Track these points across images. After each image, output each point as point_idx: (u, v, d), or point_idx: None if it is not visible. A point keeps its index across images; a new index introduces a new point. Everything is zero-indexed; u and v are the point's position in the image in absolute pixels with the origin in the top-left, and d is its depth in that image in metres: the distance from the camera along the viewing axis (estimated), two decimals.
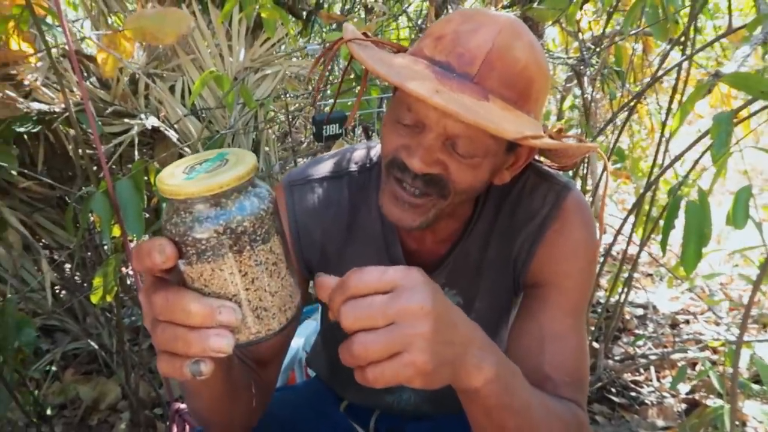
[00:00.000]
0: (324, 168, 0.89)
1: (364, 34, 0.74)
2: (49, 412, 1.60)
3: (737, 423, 1.70)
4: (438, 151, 0.68)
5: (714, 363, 1.74)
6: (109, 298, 1.50)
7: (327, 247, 0.88)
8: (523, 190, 0.83)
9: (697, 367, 2.03)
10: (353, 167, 0.89)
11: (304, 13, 2.40)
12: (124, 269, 1.81)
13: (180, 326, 0.44)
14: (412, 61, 0.66)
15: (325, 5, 2.25)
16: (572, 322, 0.79)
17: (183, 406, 1.47)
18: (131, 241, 1.45)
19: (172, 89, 1.85)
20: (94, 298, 1.49)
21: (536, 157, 0.86)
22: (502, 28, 0.66)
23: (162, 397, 1.71)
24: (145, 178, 1.47)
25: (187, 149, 1.62)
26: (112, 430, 1.67)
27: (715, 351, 2.04)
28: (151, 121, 1.59)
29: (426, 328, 0.48)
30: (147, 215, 1.82)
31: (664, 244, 1.05)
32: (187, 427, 1.44)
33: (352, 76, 1.76)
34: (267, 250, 0.45)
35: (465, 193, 0.72)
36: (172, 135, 1.60)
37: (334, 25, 2.01)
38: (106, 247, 1.84)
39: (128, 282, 2.01)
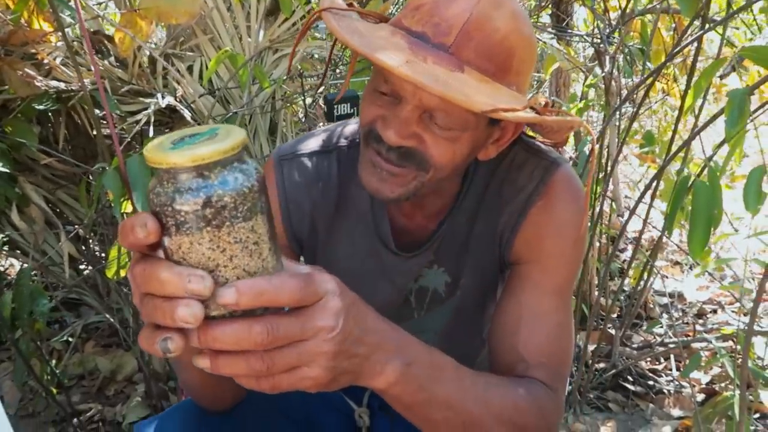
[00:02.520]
0: (314, 143, 0.89)
1: (350, 4, 0.73)
2: (66, 382, 1.66)
3: (756, 414, 1.65)
4: (414, 124, 0.66)
5: (733, 352, 1.68)
6: (123, 273, 1.54)
7: (317, 221, 0.88)
8: (512, 166, 0.81)
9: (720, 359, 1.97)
10: (343, 142, 0.88)
11: None
12: None
13: (157, 297, 0.44)
14: (390, 32, 0.65)
15: None
16: (554, 302, 0.77)
17: None
18: None
19: (190, 69, 1.88)
20: (109, 273, 1.53)
21: (528, 133, 0.84)
22: None
23: (174, 369, 1.75)
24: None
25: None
26: (128, 401, 1.72)
27: (734, 340, 1.98)
28: (167, 100, 1.62)
29: (330, 347, 0.47)
30: None
31: (670, 226, 1.01)
32: None
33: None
34: (248, 228, 0.44)
35: (445, 168, 0.70)
36: (187, 113, 1.62)
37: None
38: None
39: None
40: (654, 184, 1.37)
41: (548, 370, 0.73)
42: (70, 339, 1.82)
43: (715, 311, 2.48)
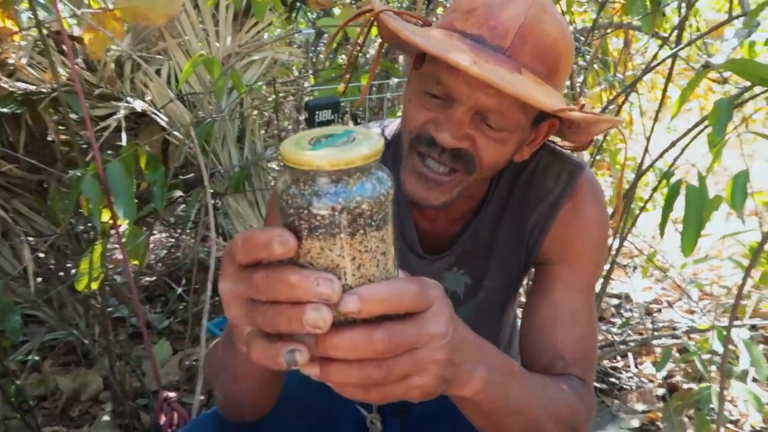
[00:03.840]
0: None
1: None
2: (31, 403, 1.55)
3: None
4: (467, 126, 0.68)
5: (686, 349, 1.79)
6: (95, 286, 1.47)
7: None
8: (536, 170, 0.85)
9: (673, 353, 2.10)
10: None
11: (289, 1, 2.37)
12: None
13: (281, 304, 0.42)
14: (445, 35, 0.66)
15: None
16: (584, 300, 0.81)
17: (172, 394, 1.44)
18: (120, 225, 1.42)
19: (157, 74, 1.81)
20: (79, 285, 1.45)
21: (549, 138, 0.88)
22: (533, 1, 0.67)
23: (147, 387, 1.67)
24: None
25: (176, 134, 1.59)
26: (94, 421, 1.63)
27: (689, 337, 2.11)
28: (139, 104, 1.56)
29: (442, 356, 0.46)
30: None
31: (663, 227, 1.08)
32: (176, 414, 1.42)
33: (340, 63, 1.75)
34: (379, 238, 0.43)
35: (490, 169, 0.72)
36: (161, 119, 1.57)
37: (321, 12, 2.00)
38: (87, 233, 1.79)
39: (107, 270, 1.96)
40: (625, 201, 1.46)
41: (583, 367, 0.77)
42: (30, 358, 1.70)
43: (659, 310, 2.63)
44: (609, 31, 1.68)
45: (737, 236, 1.47)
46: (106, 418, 1.62)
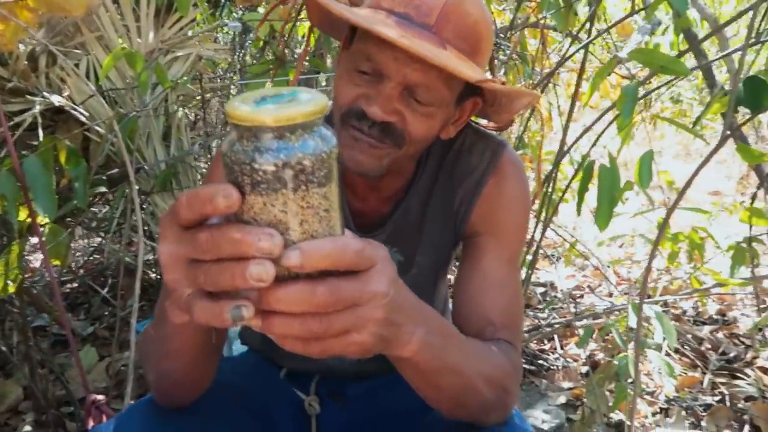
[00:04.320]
0: None
1: None
2: None
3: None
4: (396, 101, 0.71)
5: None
6: (11, 289, 1.40)
7: None
8: (462, 148, 0.89)
9: (595, 335, 2.22)
10: None
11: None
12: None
13: (224, 261, 0.43)
14: (372, 12, 0.69)
15: None
16: (510, 270, 0.85)
17: (100, 397, 1.39)
18: (42, 225, 1.36)
19: (76, 68, 1.74)
20: None
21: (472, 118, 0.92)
22: None
23: (73, 395, 1.60)
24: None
25: (97, 129, 1.54)
26: None
27: (608, 316, 2.24)
28: (57, 99, 1.49)
29: (382, 314, 0.48)
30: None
31: (579, 206, 1.15)
32: (104, 417, 1.37)
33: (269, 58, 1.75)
34: (321, 195, 0.44)
35: (418, 144, 0.75)
36: (81, 114, 1.51)
37: (247, 9, 1.98)
38: (3, 235, 1.70)
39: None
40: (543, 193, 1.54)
41: (512, 331, 0.81)
42: None
43: (582, 296, 2.79)
44: (525, 23, 1.77)
45: (647, 215, 1.58)
46: (27, 428, 1.54)
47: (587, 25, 1.42)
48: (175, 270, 0.47)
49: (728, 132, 0.96)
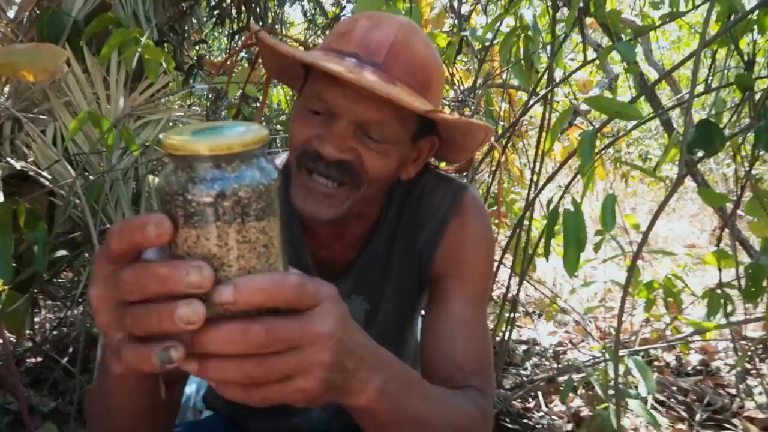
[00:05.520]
0: None
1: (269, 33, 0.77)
2: None
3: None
4: (350, 139, 0.71)
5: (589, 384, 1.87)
6: None
7: None
8: (424, 190, 0.88)
9: (580, 391, 2.17)
10: None
11: (186, 67, 2.39)
12: None
13: (150, 302, 0.41)
14: (323, 53, 0.70)
15: (207, 56, 2.26)
16: (477, 311, 0.83)
17: None
18: None
19: (42, 134, 1.74)
20: None
21: (433, 162, 0.92)
22: (401, 24, 0.73)
23: None
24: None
25: (60, 191, 1.51)
26: None
27: (589, 370, 2.20)
28: (19, 164, 1.48)
29: (326, 357, 0.45)
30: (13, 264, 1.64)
31: (546, 250, 1.14)
32: None
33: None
34: (259, 229, 0.42)
35: (377, 183, 0.75)
36: (45, 178, 1.49)
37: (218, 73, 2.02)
38: None
39: None
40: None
41: (481, 377, 0.78)
42: None
43: (565, 351, 2.74)
44: (489, 83, 1.82)
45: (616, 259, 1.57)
46: None
47: (546, 78, 1.47)
48: (105, 313, 0.44)
49: (683, 172, 0.97)
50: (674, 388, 2.19)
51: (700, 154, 1.09)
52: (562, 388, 2.20)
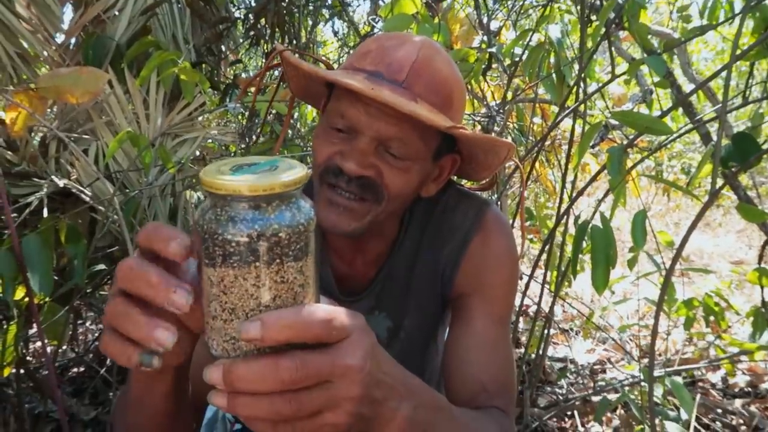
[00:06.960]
0: None
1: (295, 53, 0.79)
2: None
3: None
4: (371, 155, 0.71)
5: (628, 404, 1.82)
6: (6, 372, 1.38)
7: None
8: (446, 209, 0.88)
9: (619, 411, 2.11)
10: None
11: (222, 86, 2.45)
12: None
13: (135, 307, 0.43)
14: (345, 72, 0.72)
15: (243, 76, 2.32)
16: (500, 330, 0.82)
17: None
18: (39, 303, 1.36)
19: (85, 153, 1.81)
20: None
21: (455, 179, 0.92)
22: (423, 43, 0.74)
23: None
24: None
25: (100, 207, 1.57)
26: None
27: (627, 390, 2.13)
28: (63, 182, 1.54)
29: (356, 391, 0.44)
30: (56, 277, 1.71)
31: (574, 266, 1.12)
32: None
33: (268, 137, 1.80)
34: (296, 269, 0.42)
35: (398, 199, 0.75)
36: (86, 194, 1.55)
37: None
38: (4, 319, 1.70)
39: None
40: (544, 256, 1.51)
41: (505, 398, 0.77)
42: None
43: (604, 370, 2.66)
44: (519, 98, 1.81)
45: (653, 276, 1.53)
46: None
47: (577, 92, 1.45)
48: (112, 300, 0.46)
49: (716, 187, 0.94)
50: (719, 411, 2.10)
51: (735, 168, 1.06)
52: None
